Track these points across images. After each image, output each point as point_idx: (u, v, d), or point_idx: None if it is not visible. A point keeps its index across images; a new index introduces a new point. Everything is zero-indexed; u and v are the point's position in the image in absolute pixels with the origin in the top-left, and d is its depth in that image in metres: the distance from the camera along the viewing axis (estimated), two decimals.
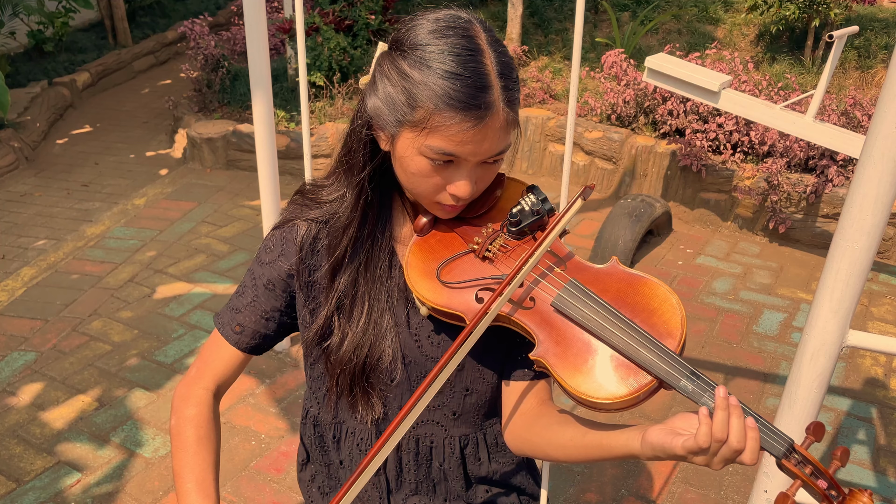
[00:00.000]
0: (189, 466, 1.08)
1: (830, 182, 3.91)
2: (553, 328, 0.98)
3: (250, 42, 2.56)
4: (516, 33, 5.61)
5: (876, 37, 5.23)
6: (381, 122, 0.98)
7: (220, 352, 1.17)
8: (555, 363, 0.96)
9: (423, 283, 1.03)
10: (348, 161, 1.06)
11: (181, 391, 1.15)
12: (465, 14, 0.98)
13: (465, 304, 1.00)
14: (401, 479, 1.18)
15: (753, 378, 3.03)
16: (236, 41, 5.85)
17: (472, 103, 0.91)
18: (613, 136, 4.57)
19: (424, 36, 0.94)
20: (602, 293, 0.99)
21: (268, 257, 1.13)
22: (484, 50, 0.93)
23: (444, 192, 1.01)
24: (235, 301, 1.16)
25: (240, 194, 4.64)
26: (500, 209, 1.10)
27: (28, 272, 3.75)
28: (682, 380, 0.90)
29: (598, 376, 0.93)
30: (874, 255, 1.36)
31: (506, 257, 1.04)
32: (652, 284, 0.99)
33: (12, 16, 6.20)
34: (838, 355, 1.45)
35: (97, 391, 2.88)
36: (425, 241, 1.07)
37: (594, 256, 3.86)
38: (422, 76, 0.92)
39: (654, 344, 0.92)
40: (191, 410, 1.12)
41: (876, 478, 2.55)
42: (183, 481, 1.07)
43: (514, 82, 0.96)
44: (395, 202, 1.12)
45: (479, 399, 1.14)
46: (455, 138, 0.93)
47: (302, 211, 1.12)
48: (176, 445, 1.11)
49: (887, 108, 1.26)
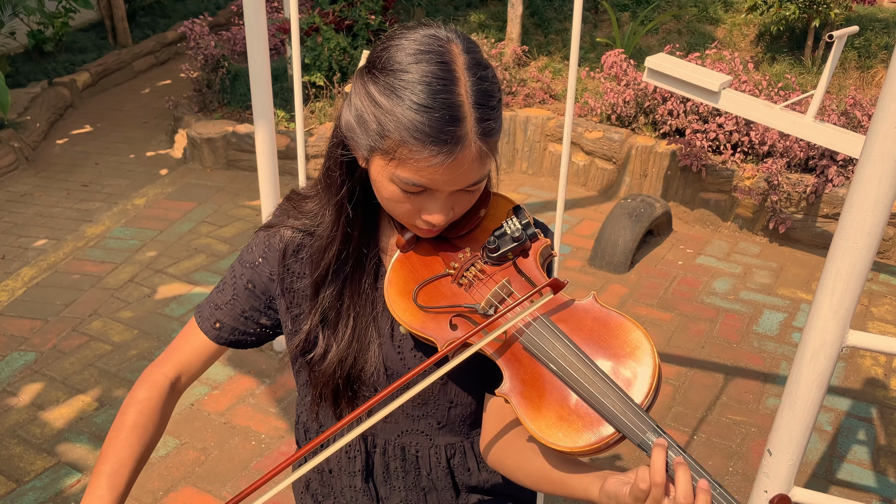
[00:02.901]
0: (112, 450, 1.05)
1: (830, 182, 3.92)
2: (520, 366, 0.95)
3: (250, 42, 2.56)
4: (516, 33, 5.61)
5: (876, 37, 5.23)
6: (354, 143, 0.96)
7: (192, 340, 1.15)
8: (518, 403, 0.93)
9: (401, 302, 1.01)
10: (327, 180, 1.04)
11: (144, 373, 1.14)
12: (446, 33, 0.92)
13: (437, 330, 0.98)
14: (389, 485, 1.17)
15: (753, 378, 3.03)
16: (236, 41, 5.85)
17: (441, 138, 0.87)
18: (613, 136, 4.57)
19: (398, 60, 0.90)
20: (574, 332, 0.94)
21: (250, 258, 1.12)
22: (458, 78, 0.89)
23: (419, 218, 0.98)
24: (216, 297, 1.15)
25: (240, 194, 4.64)
26: (484, 229, 1.06)
27: (28, 272, 3.75)
28: (644, 435, 0.86)
29: (559, 423, 0.90)
30: (874, 255, 1.36)
31: (481, 284, 1.01)
32: (627, 327, 0.93)
33: (12, 16, 6.19)
34: (838, 355, 1.45)
35: (97, 391, 2.88)
36: (407, 258, 1.05)
37: (594, 256, 3.86)
38: (391, 105, 0.89)
39: (619, 395, 0.88)
40: (142, 393, 1.10)
41: (876, 478, 2.55)
42: (100, 464, 1.05)
43: (491, 111, 0.91)
44: (383, 213, 1.09)
45: (464, 411, 1.13)
46: (423, 171, 0.90)
47: (288, 218, 1.11)
48: (114, 424, 1.09)
49: (887, 108, 1.26)
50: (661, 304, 3.54)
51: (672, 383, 2.99)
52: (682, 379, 3.02)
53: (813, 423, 1.51)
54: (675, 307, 3.52)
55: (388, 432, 1.14)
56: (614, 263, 3.82)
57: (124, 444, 1.06)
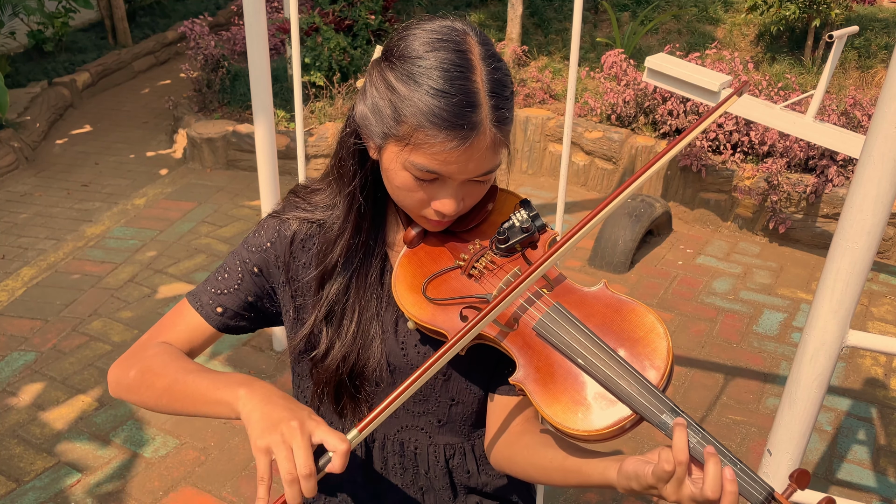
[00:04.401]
0: (176, 364, 1.02)
1: (830, 182, 3.92)
2: (534, 353, 0.95)
3: (250, 42, 2.56)
4: (516, 33, 5.61)
5: (876, 37, 5.23)
6: (368, 132, 0.97)
7: (187, 322, 1.11)
8: (533, 390, 0.93)
9: (409, 297, 1.01)
10: (339, 171, 1.04)
11: (123, 357, 1.09)
12: (462, 25, 0.94)
13: (448, 322, 0.98)
14: (387, 481, 1.16)
15: (753, 378, 3.03)
16: (236, 41, 5.85)
17: (457, 122, 0.89)
18: (613, 136, 4.57)
19: (415, 48, 0.91)
20: (587, 318, 0.95)
21: (258, 242, 1.11)
22: (475, 66, 0.90)
23: (429, 208, 0.98)
24: (217, 283, 1.12)
25: (240, 194, 4.64)
26: (492, 223, 1.07)
27: (28, 272, 3.75)
28: (662, 415, 0.86)
29: (576, 407, 0.90)
30: (874, 255, 1.36)
31: (491, 275, 1.01)
32: (640, 312, 0.94)
33: (12, 16, 6.19)
34: (838, 355, 1.45)
35: (97, 391, 2.88)
36: (415, 253, 1.05)
37: (594, 256, 3.86)
38: (408, 91, 0.90)
39: (634, 376, 0.88)
40: (152, 350, 1.07)
41: (876, 478, 2.55)
42: (185, 372, 0.99)
43: (505, 100, 0.93)
44: (390, 208, 1.10)
45: (466, 410, 1.13)
46: (438, 157, 0.91)
47: (297, 209, 1.10)
48: (155, 369, 1.02)
49: (887, 108, 1.26)
50: (661, 304, 3.54)
51: (672, 383, 2.99)
52: (682, 379, 3.02)
53: (813, 423, 1.51)
54: (675, 307, 3.52)
55: (387, 426, 1.14)
56: (614, 263, 3.82)
57: (174, 355, 1.04)
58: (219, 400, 0.94)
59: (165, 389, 1.00)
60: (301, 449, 0.84)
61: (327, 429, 0.87)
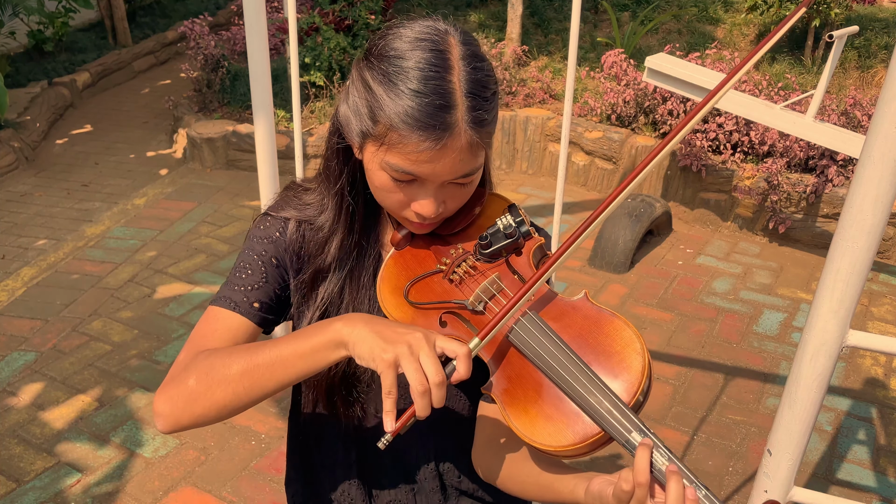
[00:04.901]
0: (235, 350, 0.95)
1: (830, 182, 3.91)
2: (507, 363, 0.93)
3: (250, 42, 2.55)
4: (516, 33, 5.61)
5: (876, 37, 5.23)
6: (348, 132, 0.96)
7: (227, 325, 1.04)
8: (504, 401, 0.91)
9: (392, 299, 1.00)
10: (326, 171, 1.04)
11: (166, 382, 1.00)
12: (445, 25, 0.93)
13: (428, 327, 0.97)
14: (379, 482, 1.16)
15: (753, 378, 3.03)
16: (236, 41, 5.85)
17: (430, 123, 0.87)
18: (613, 136, 4.57)
19: (394, 47, 0.91)
20: (563, 330, 0.93)
21: (267, 234, 1.08)
22: (452, 67, 0.89)
23: (409, 209, 0.97)
24: (243, 281, 1.06)
25: (240, 194, 4.64)
26: (479, 227, 1.05)
27: (28, 272, 3.75)
28: (630, 434, 0.84)
29: (545, 421, 0.88)
30: (874, 255, 1.36)
31: (472, 281, 1.00)
32: (618, 325, 0.91)
33: (12, 16, 6.20)
34: (838, 355, 1.45)
35: (97, 391, 2.88)
36: (401, 255, 1.04)
37: (594, 256, 3.86)
38: (383, 90, 0.89)
39: (605, 392, 0.86)
40: (201, 356, 0.98)
41: (876, 478, 2.55)
42: (253, 352, 0.93)
43: (484, 101, 0.91)
44: (381, 208, 1.09)
45: (455, 416, 1.12)
46: (411, 157, 0.89)
47: (290, 208, 1.09)
48: (219, 364, 0.94)
49: (887, 108, 1.26)
50: (661, 304, 3.54)
51: (672, 383, 2.99)
52: (682, 379, 3.02)
53: (813, 423, 1.51)
54: (675, 307, 3.52)
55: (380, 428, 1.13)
56: (614, 263, 3.82)
57: (228, 348, 0.98)
58: (316, 346, 0.89)
59: (244, 372, 0.93)
60: (429, 358, 0.83)
61: (446, 337, 0.87)
